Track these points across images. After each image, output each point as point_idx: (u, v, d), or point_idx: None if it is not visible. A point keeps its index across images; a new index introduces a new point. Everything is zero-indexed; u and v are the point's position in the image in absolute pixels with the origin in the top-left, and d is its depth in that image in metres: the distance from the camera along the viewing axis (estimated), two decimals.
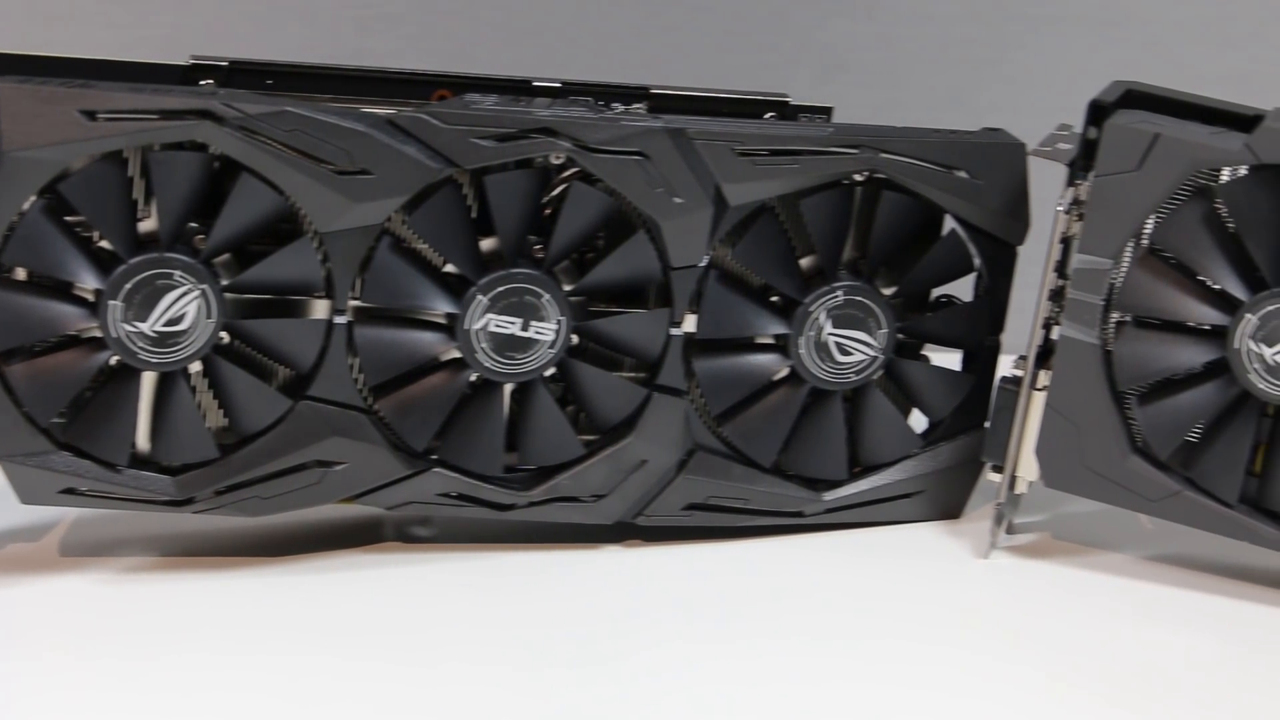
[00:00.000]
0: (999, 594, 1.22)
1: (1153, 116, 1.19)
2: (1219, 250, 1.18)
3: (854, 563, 1.25)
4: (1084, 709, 1.07)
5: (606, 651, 1.10)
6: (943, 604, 1.20)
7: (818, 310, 1.24)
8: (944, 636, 1.15)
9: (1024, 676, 1.11)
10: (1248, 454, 1.20)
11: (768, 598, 1.19)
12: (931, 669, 1.11)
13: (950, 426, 1.31)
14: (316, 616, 1.13)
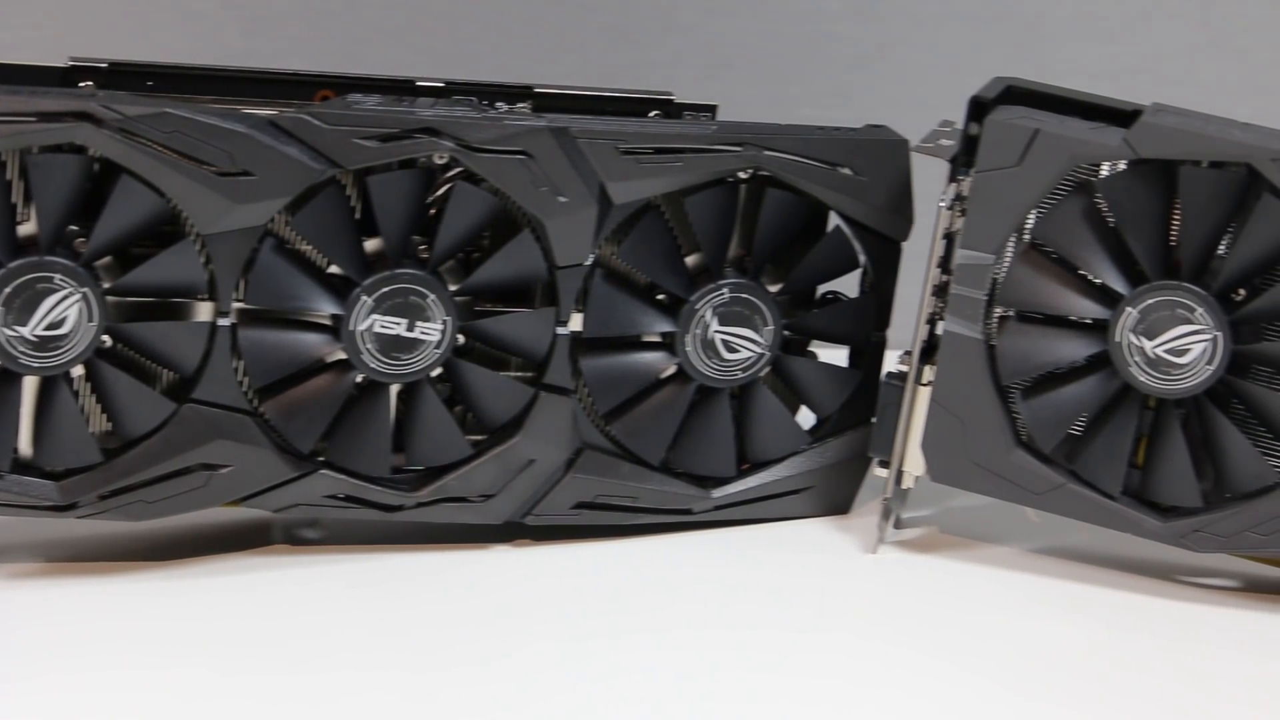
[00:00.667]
0: (887, 587, 1.22)
1: (1033, 112, 1.20)
2: (1099, 244, 1.19)
3: (743, 559, 1.26)
4: (971, 694, 1.08)
5: (494, 651, 1.10)
6: (830, 596, 1.20)
7: (704, 308, 1.25)
8: (831, 625, 1.16)
9: (912, 663, 1.12)
10: (1130, 446, 1.21)
11: (656, 594, 1.19)
12: (819, 658, 1.11)
13: (838, 422, 1.32)
14: (201, 624, 1.12)
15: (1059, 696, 1.08)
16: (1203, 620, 1.20)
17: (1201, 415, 1.20)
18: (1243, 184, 1.16)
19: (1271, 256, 1.17)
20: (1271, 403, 1.18)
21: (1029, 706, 1.07)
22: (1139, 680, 1.11)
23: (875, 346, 1.31)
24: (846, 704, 1.06)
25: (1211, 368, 1.18)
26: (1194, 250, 1.18)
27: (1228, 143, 1.16)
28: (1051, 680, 1.10)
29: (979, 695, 1.08)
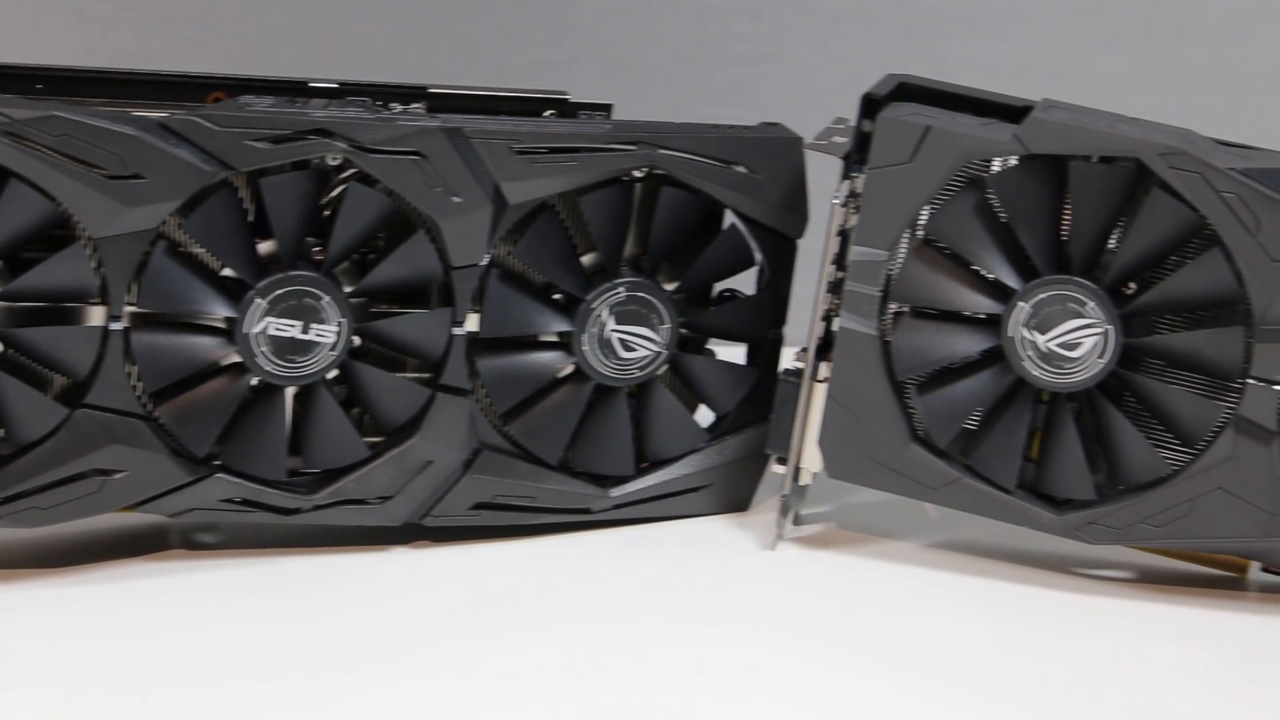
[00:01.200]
0: (785, 582, 1.23)
1: (925, 109, 1.20)
2: (991, 240, 1.20)
3: (642, 557, 1.26)
4: (871, 684, 1.09)
5: (395, 655, 1.09)
6: (729, 592, 1.21)
7: (600, 307, 1.25)
8: (730, 620, 1.17)
9: (811, 654, 1.12)
10: (1024, 440, 1.22)
11: (555, 594, 1.19)
12: (718, 652, 1.12)
13: (736, 420, 1.32)
14: (96, 632, 1.11)
15: (958, 685, 1.09)
16: (1098, 611, 1.21)
17: (1094, 408, 1.21)
18: (1132, 179, 1.17)
19: (1161, 250, 1.18)
20: (1162, 395, 1.20)
21: (928, 692, 1.08)
22: (1037, 669, 1.12)
23: (772, 344, 1.32)
24: (746, 695, 1.07)
25: (1103, 361, 1.19)
26: (1085, 245, 1.18)
27: (1117, 138, 1.17)
28: (950, 670, 1.11)
29: (880, 684, 1.09)
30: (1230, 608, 1.22)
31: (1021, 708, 1.07)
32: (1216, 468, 1.19)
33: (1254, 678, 1.13)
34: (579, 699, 1.05)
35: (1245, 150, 1.18)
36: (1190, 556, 1.27)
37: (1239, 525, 1.19)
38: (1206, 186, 1.15)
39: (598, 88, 1.40)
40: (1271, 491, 1.18)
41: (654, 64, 1.66)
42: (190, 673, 1.06)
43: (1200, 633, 1.18)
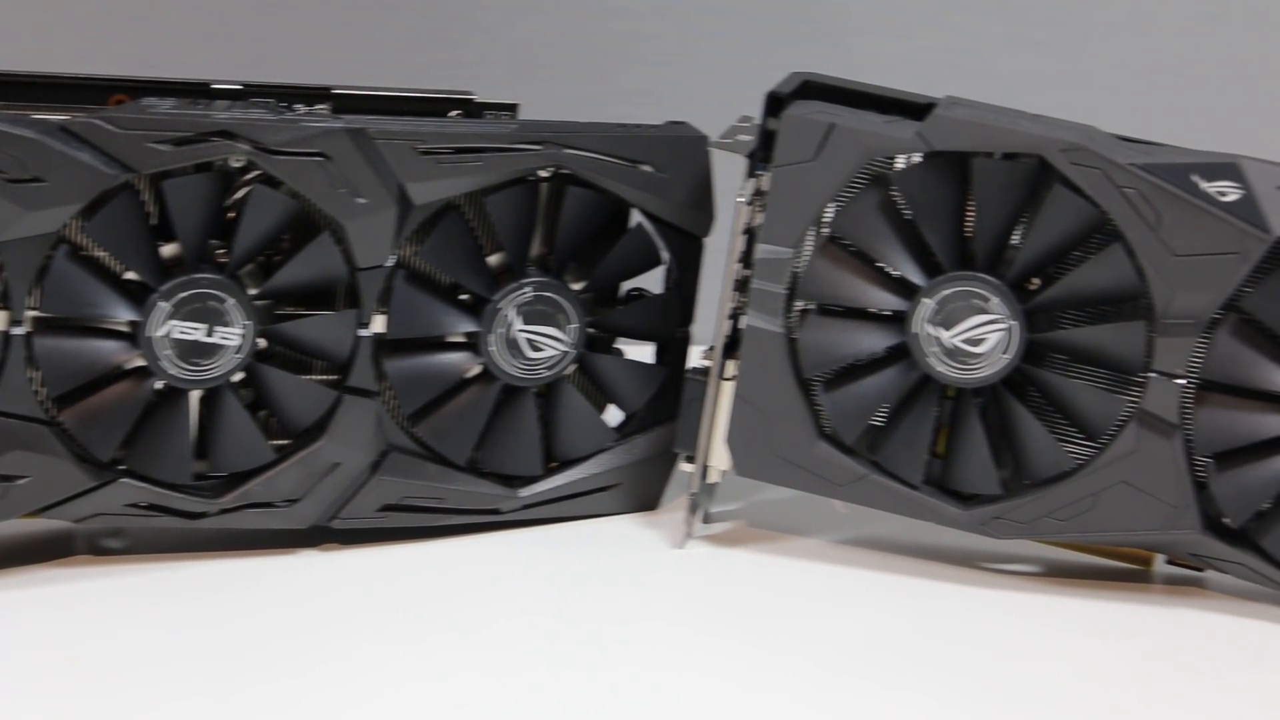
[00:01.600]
0: (695, 580, 1.23)
1: (828, 107, 1.21)
2: (896, 237, 1.20)
3: (551, 557, 1.26)
4: (781, 676, 1.09)
5: (305, 660, 1.09)
6: (639, 591, 1.21)
7: (507, 307, 1.25)
8: (639, 617, 1.17)
9: (721, 649, 1.13)
10: (930, 436, 1.23)
11: (465, 595, 1.19)
12: (629, 649, 1.12)
13: (644, 419, 1.32)
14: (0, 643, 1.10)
15: (869, 678, 1.10)
16: (1007, 604, 1.21)
17: (999, 404, 1.22)
18: (1034, 175, 1.18)
19: (1063, 246, 1.18)
20: (1066, 390, 1.20)
21: (839, 685, 1.09)
22: (947, 662, 1.13)
23: (680, 342, 1.32)
24: (657, 691, 1.07)
25: (1007, 356, 1.20)
26: (988, 241, 1.19)
27: (1018, 134, 1.17)
28: (861, 663, 1.12)
29: (790, 677, 1.10)
30: (1136, 600, 1.23)
31: (933, 699, 1.08)
32: (1120, 461, 1.20)
33: (1160, 669, 1.14)
34: (492, 700, 1.05)
35: (1146, 146, 1.19)
36: (1096, 550, 1.28)
37: (1143, 518, 1.20)
38: (1108, 182, 1.16)
39: (506, 88, 1.40)
40: (1174, 484, 1.19)
41: (563, 64, 1.66)
42: (101, 687, 1.05)
43: (1107, 625, 1.19)
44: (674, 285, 1.31)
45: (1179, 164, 1.16)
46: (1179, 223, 1.16)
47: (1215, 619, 1.21)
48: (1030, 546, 1.27)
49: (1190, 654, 1.16)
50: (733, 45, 1.68)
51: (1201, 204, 1.15)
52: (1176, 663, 1.15)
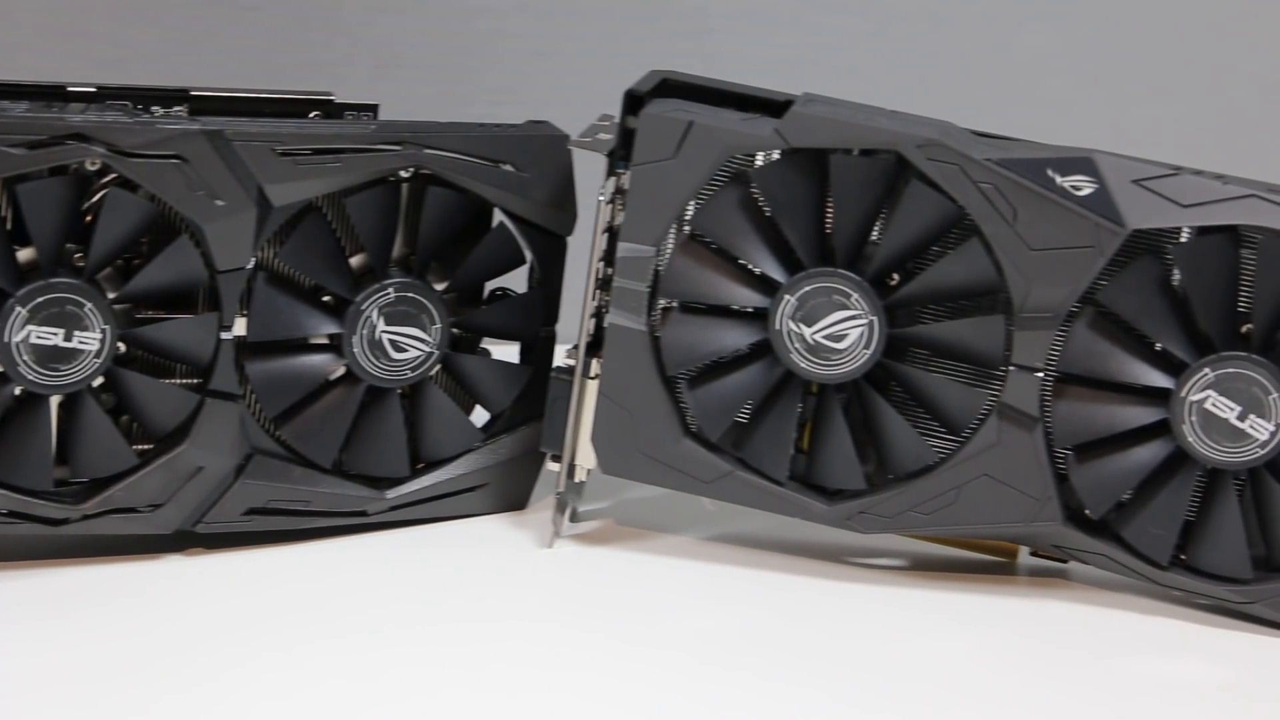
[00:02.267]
0: (563, 579, 1.23)
1: (687, 104, 1.21)
2: (756, 234, 1.21)
3: (420, 558, 1.25)
4: (649, 671, 1.10)
5: (169, 666, 1.08)
6: (507, 590, 1.21)
7: (370, 308, 1.24)
8: (509, 616, 1.17)
9: (589, 647, 1.13)
10: (794, 432, 1.23)
11: (332, 598, 1.18)
12: (499, 649, 1.12)
13: (510, 419, 1.32)
14: None
15: (738, 672, 1.11)
16: (874, 598, 1.22)
17: (862, 399, 1.23)
18: (892, 171, 1.19)
19: (921, 241, 1.19)
20: (927, 384, 1.21)
21: (711, 676, 1.10)
22: (817, 656, 1.14)
23: (544, 342, 1.32)
24: (527, 691, 1.07)
25: (869, 352, 1.20)
26: (847, 237, 1.20)
27: (875, 130, 1.18)
28: (731, 656, 1.13)
29: (661, 670, 1.10)
30: (1001, 592, 1.24)
31: (806, 688, 1.09)
32: (982, 455, 1.21)
33: (1024, 659, 1.15)
34: (363, 705, 1.05)
35: (1002, 141, 1.20)
36: (961, 543, 1.29)
37: (1006, 511, 1.21)
38: (964, 177, 1.17)
39: (369, 88, 1.40)
40: (1036, 477, 1.20)
41: (426, 63, 1.65)
42: None
43: (973, 616, 1.21)
44: (537, 284, 1.31)
45: (1034, 159, 1.17)
46: (1035, 217, 1.17)
47: (1078, 609, 1.22)
48: (896, 541, 1.28)
49: (1054, 644, 1.18)
50: (596, 44, 1.68)
51: (1057, 198, 1.16)
52: (1040, 653, 1.16)
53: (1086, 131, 1.68)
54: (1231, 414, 1.17)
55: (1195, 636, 1.19)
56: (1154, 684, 1.13)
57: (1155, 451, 1.20)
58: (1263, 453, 1.17)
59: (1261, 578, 1.20)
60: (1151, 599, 1.23)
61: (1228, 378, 1.17)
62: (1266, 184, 1.17)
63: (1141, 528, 1.20)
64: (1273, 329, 1.17)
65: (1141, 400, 1.19)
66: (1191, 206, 1.16)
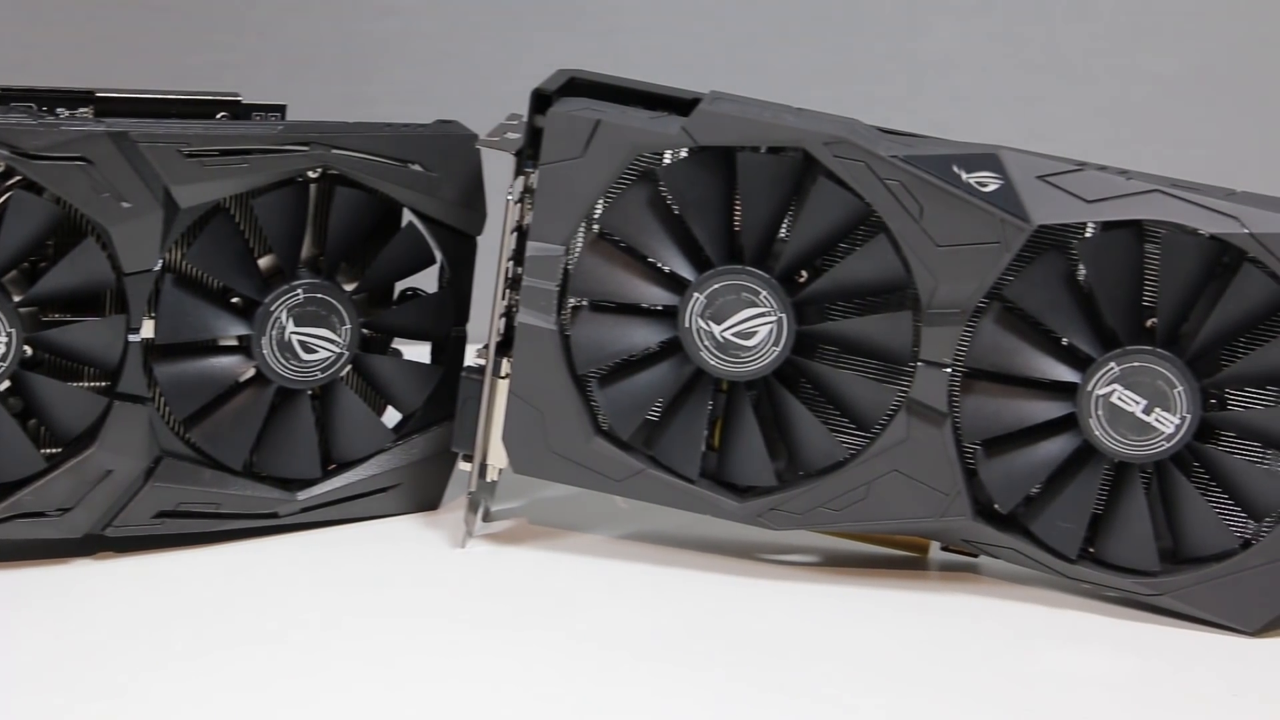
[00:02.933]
0: (475, 579, 1.23)
1: (595, 103, 1.21)
2: (665, 232, 1.21)
3: (332, 560, 1.25)
4: (560, 672, 1.10)
5: (75, 672, 1.07)
6: (420, 591, 1.21)
7: (279, 309, 1.24)
8: (421, 617, 1.17)
9: (501, 646, 1.13)
10: (704, 430, 1.24)
11: (242, 602, 1.18)
12: (411, 651, 1.12)
13: (422, 419, 1.32)
14: None
15: (655, 661, 1.12)
16: (787, 594, 1.23)
17: (772, 396, 1.23)
18: (799, 168, 1.19)
19: (829, 238, 1.20)
20: (836, 380, 1.22)
21: (623, 672, 1.10)
22: (727, 650, 1.14)
23: (455, 342, 1.32)
24: (441, 691, 1.07)
25: (778, 349, 1.21)
26: (756, 235, 1.20)
27: (781, 128, 1.18)
28: (644, 652, 1.13)
29: (575, 667, 1.11)
30: (912, 587, 1.25)
31: (718, 680, 1.10)
32: (891, 450, 1.21)
33: (934, 653, 1.16)
34: (275, 708, 1.04)
35: (908, 138, 1.21)
36: (872, 539, 1.29)
37: (916, 506, 1.22)
38: (870, 174, 1.17)
39: (279, 89, 1.39)
40: (945, 472, 1.21)
41: (336, 63, 1.65)
42: None
43: (884, 612, 1.21)
44: (447, 284, 1.30)
45: (940, 155, 1.18)
46: (941, 213, 1.17)
47: (988, 603, 1.23)
48: (808, 537, 1.28)
49: (963, 636, 1.18)
50: (506, 44, 1.68)
51: (962, 194, 1.17)
52: (949, 645, 1.17)
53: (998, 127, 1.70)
54: (1137, 408, 1.18)
55: (1103, 628, 1.20)
56: (1061, 675, 1.14)
57: (1062, 446, 1.21)
58: (1168, 446, 1.19)
59: (1168, 570, 1.21)
60: (1061, 592, 1.24)
61: (1133, 372, 1.18)
62: (1170, 179, 1.18)
63: (1050, 521, 1.21)
64: (1177, 323, 1.18)
65: (1048, 395, 1.20)
66: (1096, 202, 1.17)
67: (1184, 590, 1.21)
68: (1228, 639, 1.20)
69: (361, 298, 1.28)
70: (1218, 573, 1.20)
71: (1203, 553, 1.21)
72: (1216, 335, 1.17)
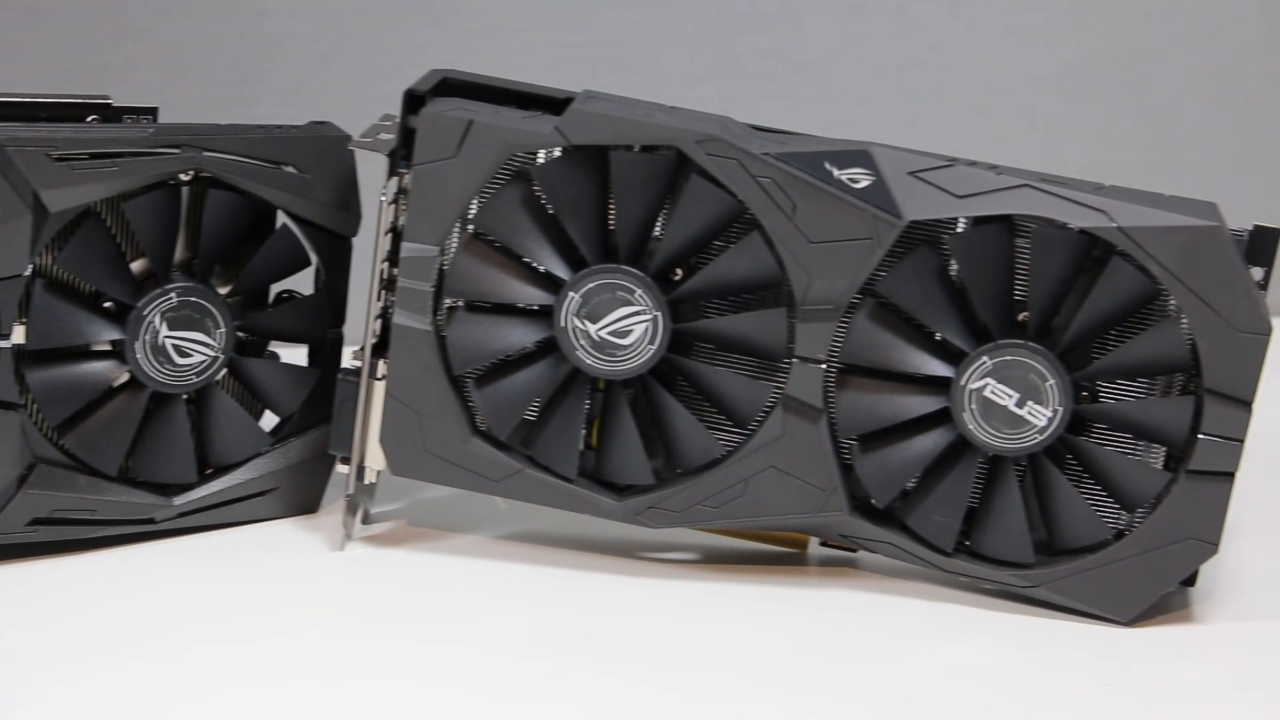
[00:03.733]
0: (354, 582, 1.23)
1: (468, 103, 1.21)
2: (539, 232, 1.21)
3: (210, 566, 1.24)
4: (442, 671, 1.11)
5: None
6: (299, 595, 1.20)
7: (152, 313, 1.23)
8: (299, 621, 1.17)
9: (382, 645, 1.14)
10: (582, 429, 1.24)
11: (120, 611, 1.17)
12: (291, 656, 1.12)
13: (300, 422, 1.31)
14: None
15: (536, 660, 1.12)
16: (666, 592, 1.23)
17: (649, 394, 1.23)
18: (673, 167, 1.19)
19: (703, 236, 1.20)
20: (712, 378, 1.22)
21: (501, 671, 1.10)
22: (608, 649, 1.15)
23: (332, 344, 1.31)
24: (320, 699, 1.07)
25: (654, 347, 1.21)
26: (630, 233, 1.20)
27: (654, 126, 1.19)
28: (525, 652, 1.14)
29: (455, 668, 1.11)
30: (792, 583, 1.26)
31: (595, 680, 1.10)
32: (768, 447, 1.22)
33: (815, 646, 1.17)
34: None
35: (781, 135, 1.21)
36: (752, 535, 1.30)
37: (793, 502, 1.23)
38: (743, 172, 1.18)
39: (156, 91, 1.38)
40: (822, 467, 1.22)
41: (213, 65, 1.64)
42: None
43: (764, 607, 1.22)
44: (323, 286, 1.30)
45: (812, 152, 1.18)
46: (813, 210, 1.18)
47: (866, 597, 1.24)
48: (688, 535, 1.29)
49: (841, 630, 1.19)
50: (385, 44, 1.67)
51: (835, 191, 1.17)
52: (828, 638, 1.18)
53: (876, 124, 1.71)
54: (1010, 401, 1.19)
55: (980, 621, 1.21)
56: (940, 666, 1.15)
57: (937, 440, 1.21)
58: (1041, 438, 1.19)
59: (1043, 562, 1.22)
60: (938, 585, 1.25)
61: (1005, 365, 1.19)
62: (1040, 174, 1.19)
63: (926, 515, 1.22)
64: (1048, 317, 1.19)
65: (923, 389, 1.21)
66: (966, 197, 1.18)
67: (1059, 582, 1.22)
68: (1103, 629, 1.21)
69: (236, 300, 1.27)
70: (1092, 564, 1.21)
71: (1077, 544, 1.22)
72: (1087, 328, 1.18)
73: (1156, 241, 1.16)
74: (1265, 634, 1.22)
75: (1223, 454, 1.19)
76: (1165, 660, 1.18)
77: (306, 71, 1.65)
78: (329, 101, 1.61)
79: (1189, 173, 1.84)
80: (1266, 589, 1.28)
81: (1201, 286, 1.17)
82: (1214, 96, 1.87)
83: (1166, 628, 1.22)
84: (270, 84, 1.65)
